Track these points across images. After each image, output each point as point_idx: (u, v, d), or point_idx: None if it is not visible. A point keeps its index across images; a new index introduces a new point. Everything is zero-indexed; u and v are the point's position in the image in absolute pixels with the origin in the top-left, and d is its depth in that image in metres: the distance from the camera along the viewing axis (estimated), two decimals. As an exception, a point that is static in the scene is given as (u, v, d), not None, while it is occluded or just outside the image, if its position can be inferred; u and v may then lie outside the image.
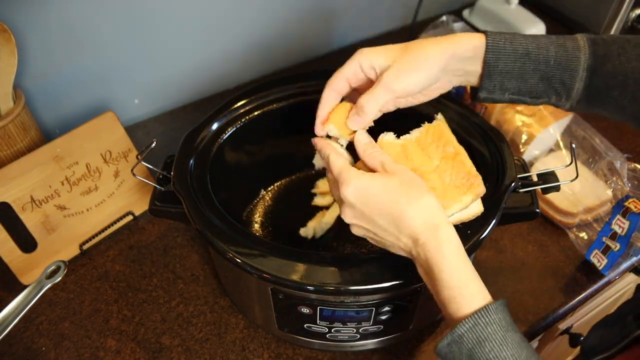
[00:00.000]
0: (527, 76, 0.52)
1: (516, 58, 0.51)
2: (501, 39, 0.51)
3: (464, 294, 0.45)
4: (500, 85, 0.53)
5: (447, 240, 0.46)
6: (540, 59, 0.51)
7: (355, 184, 0.48)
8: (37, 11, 0.78)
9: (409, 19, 1.21)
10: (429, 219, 0.47)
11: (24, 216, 0.71)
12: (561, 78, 0.51)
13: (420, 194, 0.47)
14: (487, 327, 0.43)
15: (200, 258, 0.78)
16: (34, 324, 0.71)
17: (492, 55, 0.51)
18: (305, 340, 0.65)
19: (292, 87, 0.74)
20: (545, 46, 0.51)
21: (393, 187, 0.47)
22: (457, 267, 0.45)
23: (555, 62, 0.51)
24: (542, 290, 0.74)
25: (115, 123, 0.78)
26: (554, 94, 0.53)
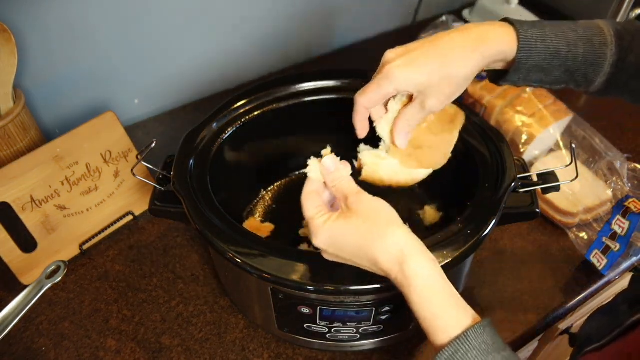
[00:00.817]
0: (553, 70, 0.52)
1: (547, 56, 0.51)
2: (532, 37, 0.51)
3: (438, 324, 0.44)
4: (525, 77, 0.53)
5: (415, 275, 0.45)
6: (569, 56, 0.51)
7: (321, 234, 0.48)
8: (37, 11, 0.78)
9: (409, 19, 1.21)
10: (395, 255, 0.45)
11: (24, 216, 0.71)
12: (585, 72, 0.52)
13: (382, 229, 0.46)
14: (467, 354, 0.42)
15: (200, 258, 0.78)
16: (34, 324, 0.71)
17: (524, 54, 0.51)
18: (305, 340, 0.65)
19: (292, 87, 0.74)
20: (574, 43, 0.51)
21: (355, 230, 0.47)
22: (428, 298, 0.45)
23: (583, 59, 0.51)
24: (542, 290, 0.74)
25: (115, 123, 0.78)
26: (574, 84, 0.54)
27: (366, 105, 0.53)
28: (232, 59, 1.04)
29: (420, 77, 0.50)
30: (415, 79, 0.50)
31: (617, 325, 0.59)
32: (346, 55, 1.16)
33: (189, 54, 0.99)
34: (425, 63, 0.50)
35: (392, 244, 0.46)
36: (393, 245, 0.46)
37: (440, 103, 0.52)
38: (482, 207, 0.58)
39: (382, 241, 0.46)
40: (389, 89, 0.51)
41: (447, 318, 0.44)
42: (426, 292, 0.45)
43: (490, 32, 0.51)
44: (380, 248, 0.46)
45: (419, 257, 0.45)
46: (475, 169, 0.64)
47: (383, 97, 0.52)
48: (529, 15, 1.11)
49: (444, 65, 0.50)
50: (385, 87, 0.51)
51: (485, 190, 0.60)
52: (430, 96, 0.51)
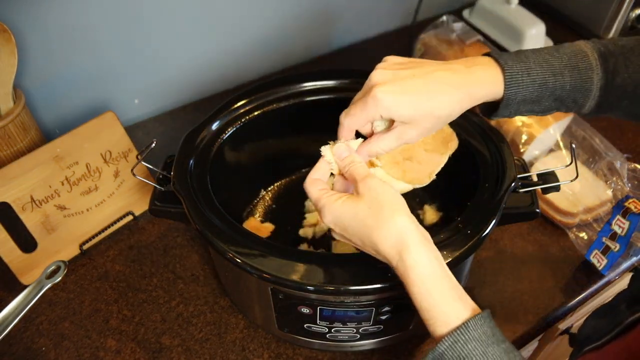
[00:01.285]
0: (543, 100, 0.53)
1: (534, 89, 0.52)
2: (518, 72, 0.51)
3: (436, 316, 0.44)
4: (516, 110, 0.54)
5: (414, 265, 0.45)
6: (557, 86, 0.51)
7: (328, 213, 0.48)
8: (37, 11, 0.78)
9: (409, 19, 1.21)
10: (396, 243, 0.45)
11: (24, 216, 0.71)
12: (575, 98, 0.53)
13: (389, 216, 0.46)
14: (467, 344, 0.42)
15: (200, 258, 0.78)
16: (34, 324, 0.71)
17: (511, 91, 0.51)
18: (305, 340, 0.65)
19: (292, 87, 0.74)
20: (560, 72, 0.51)
21: (361, 213, 0.47)
22: (427, 290, 0.45)
23: (571, 87, 0.52)
24: (542, 290, 0.74)
25: (115, 123, 0.78)
26: (565, 109, 0.54)
27: (350, 127, 0.53)
28: (232, 59, 1.04)
29: (406, 110, 0.50)
30: (401, 110, 0.50)
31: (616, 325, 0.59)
32: (346, 55, 1.16)
33: (189, 54, 0.99)
34: (413, 95, 0.50)
35: (394, 231, 0.46)
36: (395, 232, 0.46)
37: (418, 136, 0.52)
38: (482, 207, 0.58)
39: (384, 228, 0.46)
40: (374, 113, 0.51)
41: (446, 309, 0.44)
42: (426, 283, 0.45)
43: (476, 73, 0.51)
44: (381, 234, 0.46)
45: (420, 247, 0.46)
46: (475, 169, 0.64)
47: (367, 120, 0.52)
48: (529, 15, 1.11)
49: (431, 103, 0.50)
50: (370, 110, 0.51)
51: (485, 190, 0.60)
52: (410, 128, 0.51)
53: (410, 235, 0.46)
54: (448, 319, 0.44)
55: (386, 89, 0.49)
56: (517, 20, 1.10)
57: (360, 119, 0.52)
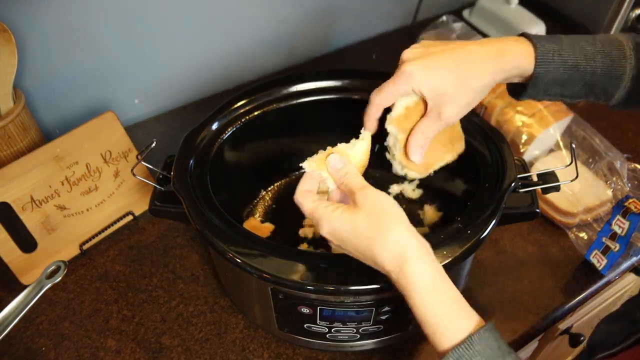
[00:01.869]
0: (572, 84, 0.52)
1: (565, 70, 0.51)
2: (549, 51, 0.51)
3: (440, 330, 0.43)
4: (544, 91, 0.53)
5: (415, 279, 0.44)
6: (588, 70, 0.51)
7: (326, 224, 0.48)
8: (37, 11, 0.78)
9: (409, 19, 1.21)
10: (396, 257, 0.45)
11: (24, 216, 0.71)
12: (604, 86, 0.52)
13: (388, 228, 0.45)
14: (472, 359, 0.41)
15: (200, 258, 0.78)
16: (34, 324, 0.71)
17: (542, 69, 0.51)
18: (305, 340, 0.65)
19: (292, 87, 0.74)
20: (592, 56, 0.51)
21: (360, 225, 0.46)
22: (429, 303, 0.44)
23: (602, 72, 0.51)
24: (542, 290, 0.74)
25: (115, 123, 0.78)
26: (593, 97, 0.54)
27: (381, 103, 0.53)
28: (232, 59, 1.04)
29: (438, 81, 0.50)
30: (433, 81, 0.50)
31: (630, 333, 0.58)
32: (346, 55, 1.16)
33: (189, 54, 0.99)
34: (444, 68, 0.50)
35: (394, 244, 0.45)
36: (394, 246, 0.45)
37: (456, 113, 0.51)
38: (482, 207, 0.58)
39: (383, 241, 0.45)
40: (405, 87, 0.51)
41: (449, 323, 0.43)
42: (427, 296, 0.44)
43: (508, 46, 0.51)
44: (381, 248, 0.45)
45: (421, 260, 0.45)
46: (476, 169, 0.64)
47: (398, 96, 0.52)
48: (529, 15, 1.11)
49: (463, 75, 0.50)
50: (401, 85, 0.51)
51: (485, 190, 0.60)
52: (446, 105, 0.51)
53: (410, 249, 0.45)
54: (452, 333, 0.43)
55: (416, 63, 0.50)
56: (517, 20, 1.10)
57: (391, 94, 0.51)
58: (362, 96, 0.74)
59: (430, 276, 0.44)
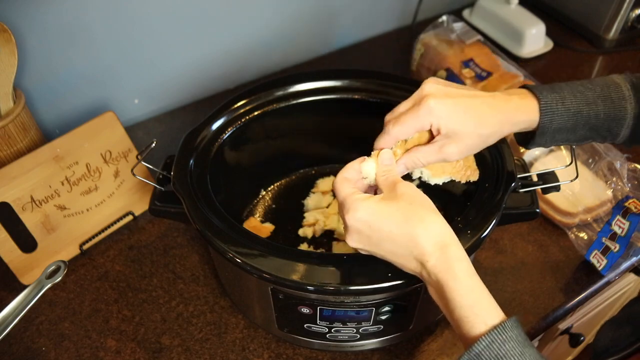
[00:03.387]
0: (578, 129, 0.54)
1: (569, 117, 0.53)
2: (552, 101, 0.53)
3: (477, 313, 0.44)
4: (551, 139, 0.55)
5: (458, 260, 0.46)
6: (591, 114, 0.53)
7: (361, 210, 0.48)
8: (37, 11, 0.78)
9: (409, 19, 1.21)
10: (438, 239, 0.46)
11: (24, 216, 0.71)
12: (609, 127, 0.54)
13: (427, 214, 0.47)
14: (504, 344, 0.42)
15: (200, 258, 0.78)
16: (34, 324, 0.71)
17: (547, 119, 0.53)
18: (306, 340, 0.65)
19: (292, 87, 0.74)
20: (593, 101, 0.53)
21: (400, 211, 0.47)
22: (469, 286, 0.45)
23: (605, 115, 0.53)
24: (542, 290, 0.74)
25: (115, 123, 0.78)
26: (600, 138, 0.56)
27: (399, 136, 0.54)
28: (232, 59, 1.04)
29: (455, 123, 0.51)
30: (451, 122, 0.51)
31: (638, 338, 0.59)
32: (346, 55, 1.16)
33: (189, 53, 0.99)
34: (463, 111, 0.52)
35: (436, 226, 0.47)
36: (437, 228, 0.47)
37: (457, 153, 0.53)
38: (482, 207, 0.58)
39: (426, 224, 0.46)
40: (425, 122, 0.52)
41: (486, 305, 0.45)
42: (468, 279, 0.45)
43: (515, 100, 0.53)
44: (423, 231, 0.46)
45: (459, 245, 0.47)
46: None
47: (417, 129, 0.53)
48: (529, 15, 1.11)
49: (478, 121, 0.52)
50: (423, 119, 0.52)
51: (485, 190, 0.61)
52: (452, 144, 0.52)
53: (450, 233, 0.47)
54: (487, 315, 0.44)
55: (440, 100, 0.51)
56: (517, 20, 1.10)
57: (410, 127, 0.52)
58: (362, 96, 0.74)
59: (467, 261, 0.46)
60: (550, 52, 1.13)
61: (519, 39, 1.10)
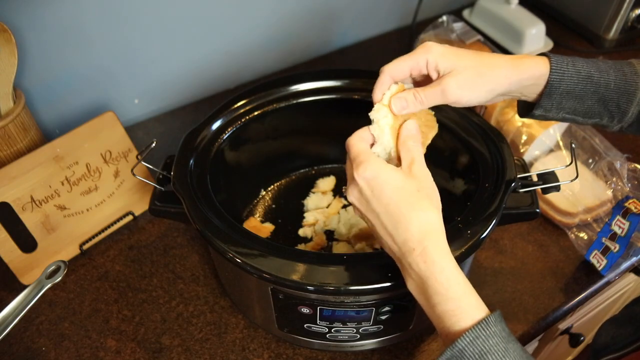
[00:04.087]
0: (586, 97, 0.53)
1: (579, 80, 0.52)
2: (564, 61, 0.52)
3: (462, 307, 0.44)
4: (557, 104, 0.54)
5: (447, 252, 0.46)
6: (601, 82, 0.52)
7: (372, 168, 0.47)
8: (37, 11, 0.78)
9: (409, 19, 1.21)
10: (429, 228, 0.46)
11: (24, 216, 0.71)
12: (618, 101, 0.53)
13: (428, 206, 0.47)
14: (488, 339, 0.42)
15: (200, 258, 0.78)
16: (34, 324, 0.71)
17: (556, 76, 0.52)
18: (306, 340, 0.65)
19: (292, 87, 0.74)
20: (605, 70, 0.52)
21: (407, 189, 0.47)
22: (456, 279, 0.45)
23: (615, 86, 0.52)
24: (542, 290, 0.74)
25: (115, 123, 0.78)
26: (607, 116, 0.54)
27: (393, 74, 0.52)
28: (232, 59, 1.04)
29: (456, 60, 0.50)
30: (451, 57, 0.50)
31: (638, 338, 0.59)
32: (346, 55, 1.16)
33: (189, 54, 0.99)
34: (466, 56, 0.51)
35: (432, 219, 0.46)
36: (431, 221, 0.46)
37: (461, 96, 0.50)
38: (482, 207, 0.58)
39: (424, 213, 0.46)
40: (421, 59, 0.51)
41: (472, 300, 0.44)
42: (455, 272, 0.45)
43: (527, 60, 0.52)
44: (418, 217, 0.46)
45: (446, 243, 0.47)
46: (476, 169, 0.64)
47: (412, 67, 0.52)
48: (529, 15, 1.11)
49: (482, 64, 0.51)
50: (418, 56, 0.51)
51: (485, 190, 0.60)
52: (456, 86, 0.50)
53: (441, 230, 0.47)
54: (472, 310, 0.44)
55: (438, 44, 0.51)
56: (517, 20, 1.10)
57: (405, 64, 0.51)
58: (362, 96, 0.74)
59: (453, 259, 0.46)
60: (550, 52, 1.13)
61: (519, 39, 1.10)
